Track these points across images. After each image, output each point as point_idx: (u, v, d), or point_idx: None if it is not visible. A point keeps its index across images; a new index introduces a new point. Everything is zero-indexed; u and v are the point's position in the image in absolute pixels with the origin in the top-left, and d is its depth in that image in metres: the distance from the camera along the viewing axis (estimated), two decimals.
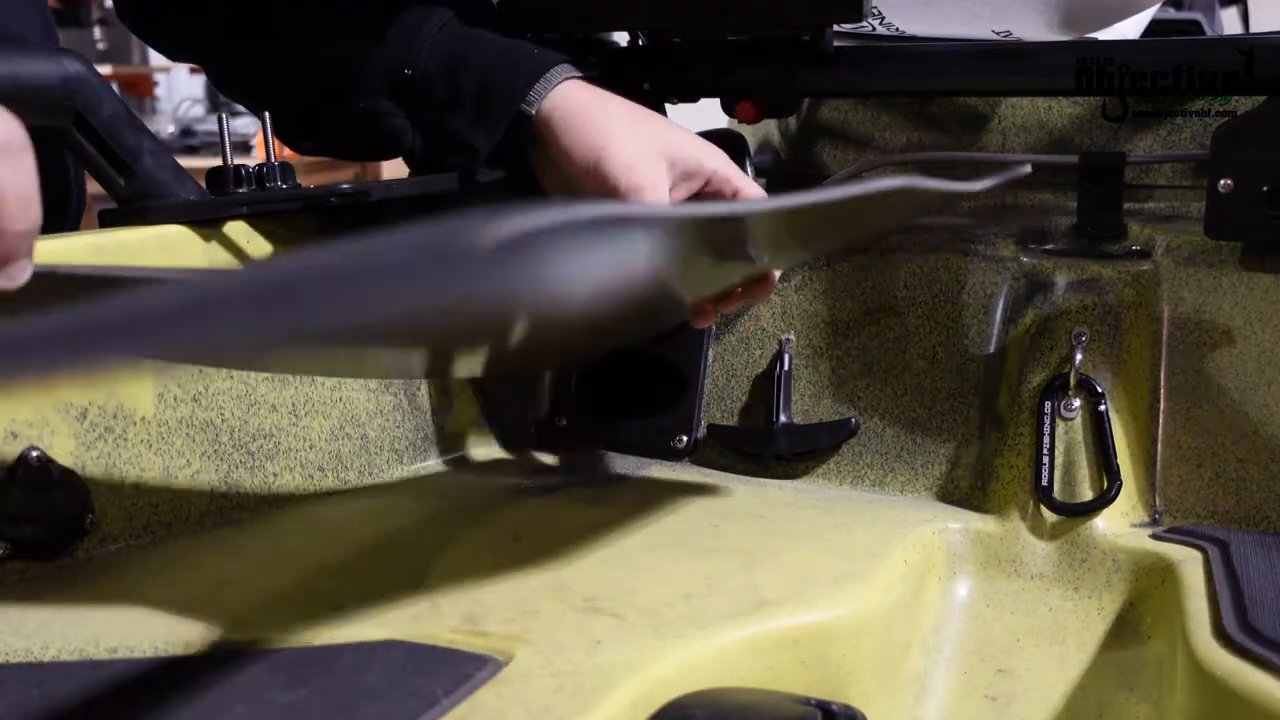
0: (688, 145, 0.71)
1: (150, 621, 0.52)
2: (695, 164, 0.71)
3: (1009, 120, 0.89)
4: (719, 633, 0.52)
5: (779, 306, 0.81)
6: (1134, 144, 0.85)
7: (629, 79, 0.84)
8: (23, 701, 0.45)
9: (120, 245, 0.62)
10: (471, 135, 0.73)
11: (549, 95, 0.70)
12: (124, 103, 0.65)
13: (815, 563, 0.59)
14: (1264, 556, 0.61)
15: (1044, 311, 0.72)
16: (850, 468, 0.76)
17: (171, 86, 5.55)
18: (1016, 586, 0.66)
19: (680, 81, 0.84)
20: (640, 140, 0.69)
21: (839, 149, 0.96)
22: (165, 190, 0.66)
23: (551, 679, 0.47)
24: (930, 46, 0.80)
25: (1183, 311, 0.70)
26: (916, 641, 0.62)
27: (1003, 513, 0.68)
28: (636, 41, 0.85)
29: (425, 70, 0.72)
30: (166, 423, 0.64)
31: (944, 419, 0.75)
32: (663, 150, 0.70)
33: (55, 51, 0.62)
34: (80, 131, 0.63)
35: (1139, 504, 0.68)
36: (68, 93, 0.62)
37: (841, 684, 0.55)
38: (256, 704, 0.44)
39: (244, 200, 0.67)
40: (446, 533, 0.55)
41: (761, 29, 0.78)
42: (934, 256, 0.77)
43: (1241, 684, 0.50)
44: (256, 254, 0.69)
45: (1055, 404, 0.69)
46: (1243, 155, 0.67)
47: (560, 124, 0.70)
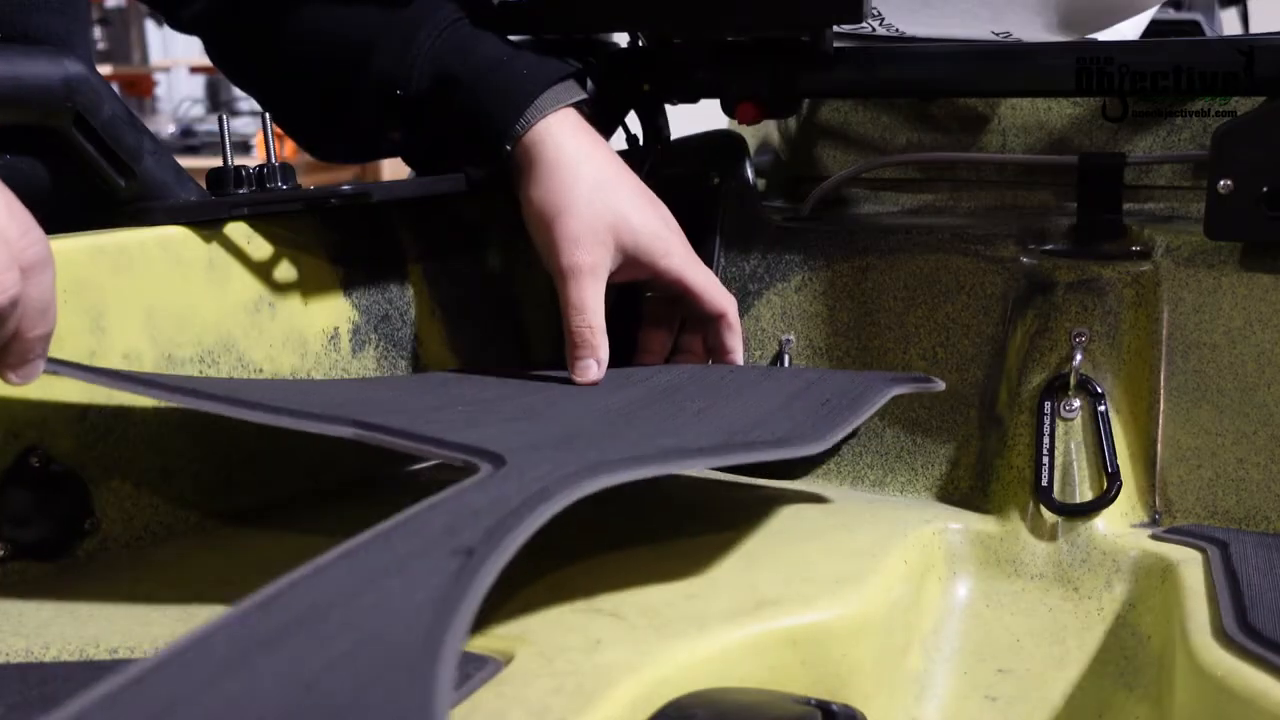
0: (646, 234, 0.71)
1: (150, 621, 0.52)
2: (648, 258, 0.71)
3: (1009, 121, 0.90)
4: (719, 633, 0.52)
5: (779, 307, 0.81)
6: (1134, 144, 0.85)
7: (629, 79, 0.84)
8: (23, 701, 0.45)
9: (120, 246, 0.62)
10: (462, 160, 0.74)
11: (530, 132, 0.71)
12: (124, 103, 0.65)
13: (815, 563, 0.59)
14: (1264, 556, 0.61)
15: (1044, 312, 0.72)
16: (850, 468, 0.76)
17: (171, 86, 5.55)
18: (1016, 586, 0.66)
19: (680, 82, 0.84)
20: (598, 214, 0.70)
21: (839, 149, 0.96)
22: (166, 191, 0.66)
23: (551, 679, 0.47)
24: (930, 47, 0.81)
25: (1183, 311, 0.70)
26: (916, 641, 0.62)
27: (1003, 513, 0.68)
28: (636, 42, 0.85)
29: (417, 88, 0.72)
30: (167, 423, 0.64)
31: (944, 419, 0.75)
32: (615, 230, 0.70)
33: (55, 51, 0.62)
34: (80, 132, 0.63)
35: (1139, 504, 0.68)
36: (68, 93, 0.62)
37: (841, 684, 0.55)
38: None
39: (244, 201, 0.67)
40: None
41: (761, 30, 0.78)
42: (934, 256, 0.77)
43: (1241, 684, 0.50)
44: (256, 255, 0.69)
45: (1055, 404, 0.69)
46: (1243, 155, 0.67)
47: (531, 170, 0.71)
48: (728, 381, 0.69)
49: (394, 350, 0.76)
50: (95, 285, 0.61)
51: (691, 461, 0.52)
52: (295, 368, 0.70)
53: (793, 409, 0.62)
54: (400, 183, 0.73)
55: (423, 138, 0.75)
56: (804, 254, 0.81)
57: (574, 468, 0.47)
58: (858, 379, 0.69)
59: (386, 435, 0.51)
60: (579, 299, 0.69)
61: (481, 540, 0.39)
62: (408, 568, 0.37)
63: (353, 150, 0.80)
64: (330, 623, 0.33)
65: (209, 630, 0.32)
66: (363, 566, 0.37)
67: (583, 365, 0.69)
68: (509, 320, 0.84)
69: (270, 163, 0.68)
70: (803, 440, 0.56)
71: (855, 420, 0.62)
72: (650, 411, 0.63)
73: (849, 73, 0.79)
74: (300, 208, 0.68)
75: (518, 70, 0.71)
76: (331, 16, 0.74)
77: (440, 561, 0.37)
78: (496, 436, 0.53)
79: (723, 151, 0.86)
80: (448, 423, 0.55)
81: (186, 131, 4.67)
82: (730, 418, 0.60)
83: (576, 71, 0.73)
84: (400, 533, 0.40)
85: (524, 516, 0.41)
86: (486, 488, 0.45)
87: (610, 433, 0.57)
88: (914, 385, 0.69)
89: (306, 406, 0.54)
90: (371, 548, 0.38)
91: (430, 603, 0.34)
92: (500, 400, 0.64)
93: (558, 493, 0.44)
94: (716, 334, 0.75)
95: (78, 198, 0.65)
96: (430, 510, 0.42)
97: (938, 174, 0.93)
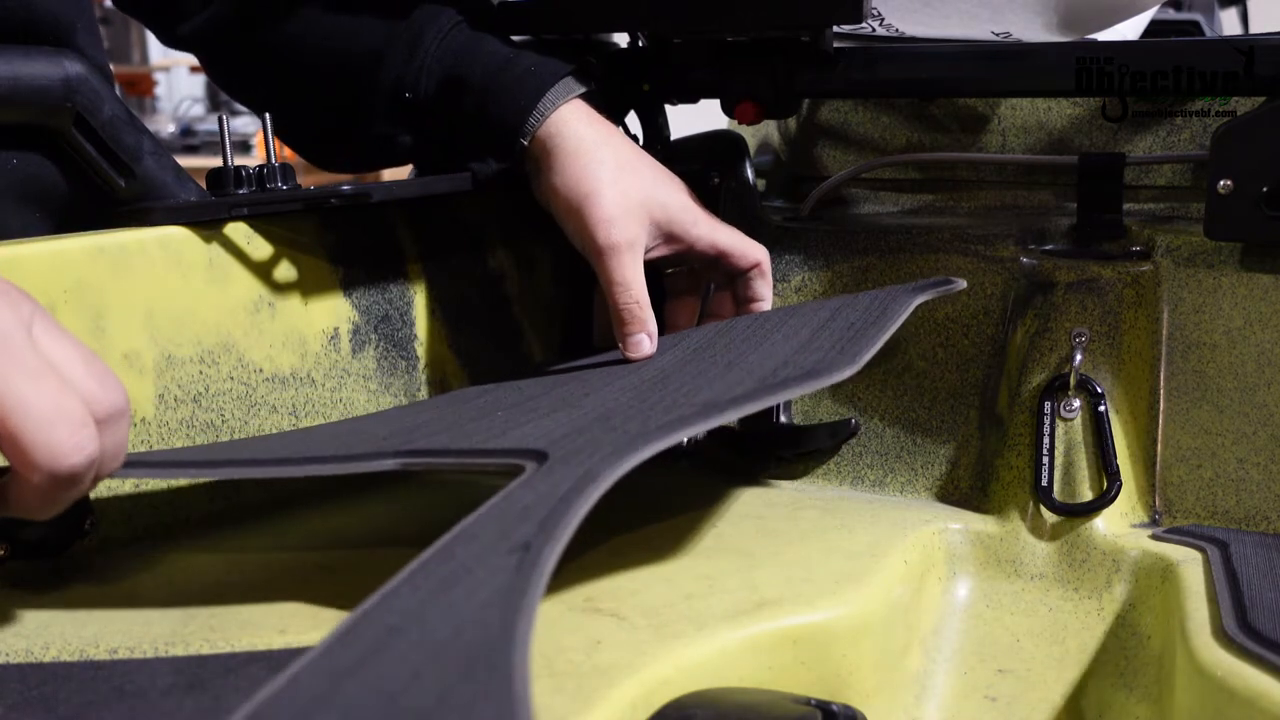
0: (675, 206, 0.72)
1: (150, 621, 0.52)
2: (680, 229, 0.72)
3: (1009, 121, 0.90)
4: (719, 633, 0.52)
5: (779, 306, 0.81)
6: (1134, 144, 0.85)
7: (629, 79, 0.84)
8: (23, 701, 0.45)
9: (120, 246, 0.62)
10: (472, 159, 0.74)
11: (545, 124, 0.71)
12: (124, 103, 0.65)
13: (815, 563, 0.59)
14: (1264, 557, 0.61)
15: (1044, 311, 0.72)
16: (850, 468, 0.76)
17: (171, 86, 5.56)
18: (1016, 587, 0.66)
19: (680, 82, 0.84)
20: (625, 193, 0.70)
21: (839, 150, 0.96)
22: (166, 191, 0.66)
23: (551, 679, 0.47)
24: (930, 47, 0.80)
25: (1182, 312, 0.70)
26: (916, 642, 0.62)
27: (1003, 513, 0.68)
28: (636, 42, 0.85)
29: (425, 91, 0.73)
30: (167, 423, 0.64)
31: (944, 419, 0.75)
32: (647, 206, 0.71)
33: (55, 51, 0.62)
34: (80, 132, 0.63)
35: (1139, 504, 0.68)
36: (68, 93, 0.62)
37: (841, 684, 0.55)
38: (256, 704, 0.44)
39: (244, 201, 0.67)
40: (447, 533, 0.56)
41: (761, 30, 0.78)
42: (934, 256, 0.77)
43: (1241, 684, 0.50)
44: (256, 255, 0.69)
45: (1055, 404, 0.69)
46: (1242, 155, 0.67)
47: (551, 160, 0.71)
48: (754, 329, 0.69)
49: (394, 350, 0.76)
50: (95, 285, 0.61)
51: (727, 413, 0.52)
52: (295, 368, 0.70)
53: (819, 340, 0.62)
54: (400, 183, 0.73)
55: (433, 141, 0.76)
56: (804, 254, 0.81)
57: (614, 446, 0.48)
58: (880, 296, 0.69)
59: (429, 458, 0.52)
60: (621, 276, 0.69)
61: (535, 533, 0.40)
62: (470, 574, 0.38)
63: (361, 160, 0.80)
64: (406, 640, 0.35)
65: (296, 670, 0.33)
66: (427, 583, 0.38)
67: (635, 340, 0.69)
68: (509, 320, 0.84)
69: (270, 163, 0.68)
70: (831, 368, 0.55)
71: (882, 336, 0.61)
72: (682, 374, 0.63)
73: (849, 73, 0.79)
74: (300, 208, 0.68)
75: (525, 67, 0.72)
76: (334, 29, 0.74)
77: (500, 560, 0.38)
78: (536, 434, 0.53)
79: (723, 151, 0.86)
80: (487, 431, 0.55)
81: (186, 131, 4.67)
82: (759, 363, 0.60)
83: (581, 64, 0.73)
84: (458, 543, 0.41)
85: (573, 501, 0.42)
86: (533, 484, 0.46)
87: (645, 404, 0.57)
88: (936, 290, 0.69)
89: (349, 445, 0.56)
90: (432, 564, 0.39)
91: (496, 600, 0.36)
92: (537, 397, 0.64)
93: (602, 471, 0.45)
94: (747, 284, 0.75)
95: (77, 198, 0.65)
96: (484, 518, 0.43)
97: (938, 174, 0.93)
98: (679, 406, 0.54)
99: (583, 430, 0.52)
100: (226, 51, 0.78)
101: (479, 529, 0.42)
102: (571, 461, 0.47)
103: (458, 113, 0.73)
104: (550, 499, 0.43)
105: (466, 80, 0.72)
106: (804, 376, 0.54)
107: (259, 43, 0.76)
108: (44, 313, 0.45)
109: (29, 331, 0.44)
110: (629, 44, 0.86)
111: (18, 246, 0.58)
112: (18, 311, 0.44)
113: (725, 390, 0.55)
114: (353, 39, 0.74)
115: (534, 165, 0.72)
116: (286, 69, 0.76)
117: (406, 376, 0.77)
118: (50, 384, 0.43)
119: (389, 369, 0.76)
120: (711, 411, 0.51)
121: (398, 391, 0.76)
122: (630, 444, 0.48)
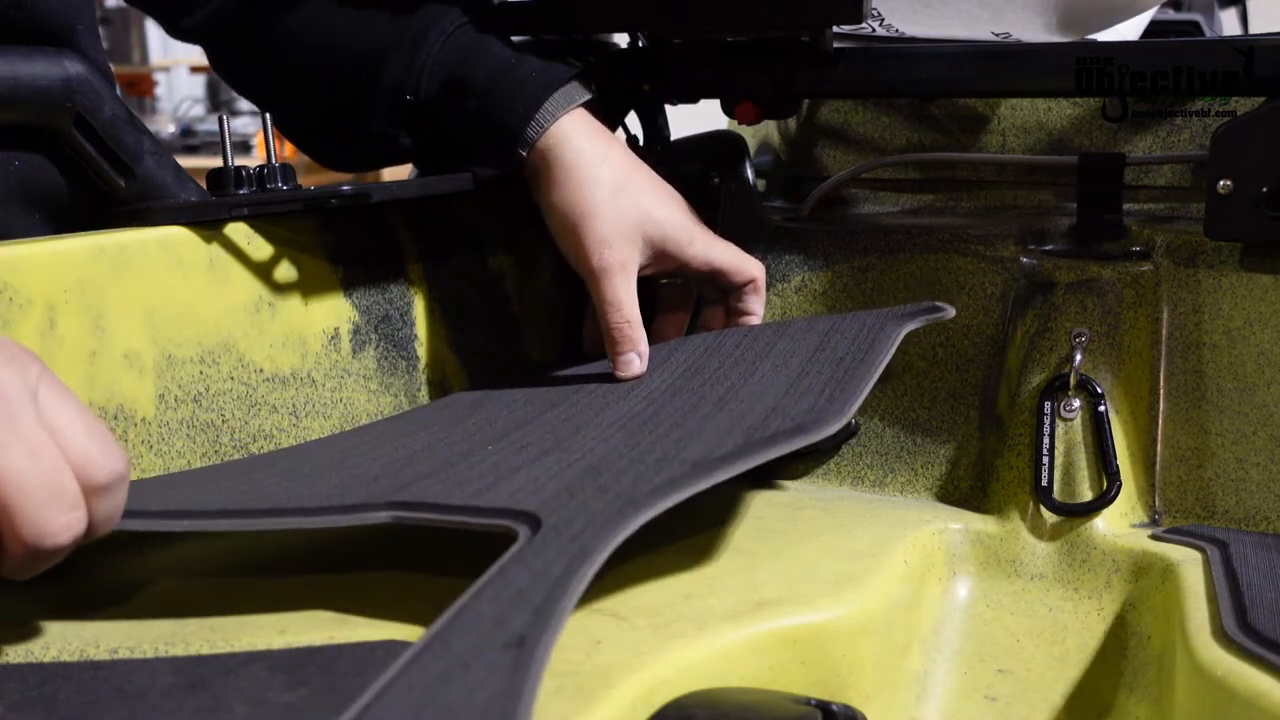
0: (670, 225, 0.72)
1: (150, 621, 0.52)
2: (675, 248, 0.73)
3: (1009, 121, 0.90)
4: (719, 633, 0.52)
5: (779, 307, 0.81)
6: (1134, 144, 0.85)
7: (629, 79, 0.84)
8: (23, 701, 0.45)
9: (120, 246, 0.62)
10: (472, 162, 0.75)
11: (545, 136, 0.71)
12: (124, 103, 0.65)
13: (815, 563, 0.59)
14: (1264, 557, 0.61)
15: (1044, 312, 0.72)
16: (850, 468, 0.76)
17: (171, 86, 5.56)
18: (1016, 587, 0.66)
19: (680, 82, 0.84)
20: (620, 214, 0.71)
21: (839, 150, 0.96)
22: (166, 191, 0.66)
23: (551, 679, 0.47)
24: (930, 47, 0.81)
25: (1182, 312, 0.70)
26: (916, 641, 0.62)
27: (1003, 513, 0.68)
28: (636, 42, 0.85)
29: (426, 93, 0.73)
30: (167, 423, 0.64)
31: (944, 419, 0.75)
32: (642, 227, 0.71)
33: (56, 52, 0.62)
34: (80, 132, 0.63)
35: (1139, 504, 0.68)
36: (68, 93, 0.62)
37: (841, 684, 0.55)
38: (256, 704, 0.44)
39: (244, 202, 0.67)
40: (447, 533, 0.56)
41: (761, 30, 0.78)
42: (934, 256, 0.77)
43: (1241, 684, 0.50)
44: (256, 255, 0.69)
45: (1055, 404, 0.69)
46: (1242, 155, 0.67)
47: (550, 173, 0.72)
48: (743, 349, 0.70)
49: (394, 350, 0.76)
50: (95, 285, 0.61)
51: (716, 475, 0.53)
52: (295, 368, 0.70)
53: (808, 380, 0.63)
54: (400, 183, 0.73)
55: (433, 142, 0.76)
56: (804, 254, 0.81)
57: (605, 515, 0.49)
58: (868, 322, 0.70)
59: (422, 513, 0.53)
60: (613, 296, 0.70)
61: (531, 624, 0.41)
62: (466, 671, 0.38)
63: (363, 159, 0.80)
64: None
65: None
66: (422, 679, 0.38)
67: (625, 360, 0.71)
68: (509, 320, 0.84)
69: (270, 163, 0.68)
70: (820, 421, 0.56)
71: (871, 377, 0.62)
72: (671, 408, 0.64)
73: (849, 73, 0.79)
74: (300, 208, 0.68)
75: (526, 74, 0.72)
76: (338, 26, 0.74)
77: (495, 657, 0.39)
78: (528, 487, 0.54)
79: (723, 151, 0.86)
80: (479, 479, 0.56)
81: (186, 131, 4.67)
82: (750, 405, 0.61)
83: (581, 71, 0.74)
84: (453, 631, 0.41)
85: (567, 585, 0.43)
86: (527, 560, 0.46)
87: (636, 451, 0.58)
88: (924, 318, 0.70)
89: (342, 489, 0.56)
90: (427, 655, 0.39)
91: (493, 702, 0.36)
92: (526, 425, 0.65)
93: (595, 549, 0.46)
94: (740, 299, 0.76)
95: (78, 198, 0.65)
96: (478, 599, 0.43)
97: (938, 174, 0.93)
98: (669, 463, 0.55)
99: (574, 491, 0.53)
100: (229, 45, 0.79)
101: (474, 615, 0.42)
102: (564, 532, 0.48)
103: (458, 115, 0.73)
104: (545, 582, 0.44)
105: (468, 83, 0.72)
106: (793, 431, 0.56)
107: (262, 36, 0.76)
108: (50, 375, 0.45)
109: (34, 397, 0.43)
110: (629, 44, 0.86)
111: (18, 246, 0.58)
112: (24, 375, 0.43)
113: (715, 443, 0.56)
114: (356, 36, 0.74)
115: (533, 174, 0.73)
116: (289, 64, 0.76)
117: (407, 376, 0.77)
118: (48, 461, 0.43)
119: (389, 369, 0.76)
120: (700, 473, 0.53)
121: (398, 391, 0.76)
122: (620, 513, 0.49)
